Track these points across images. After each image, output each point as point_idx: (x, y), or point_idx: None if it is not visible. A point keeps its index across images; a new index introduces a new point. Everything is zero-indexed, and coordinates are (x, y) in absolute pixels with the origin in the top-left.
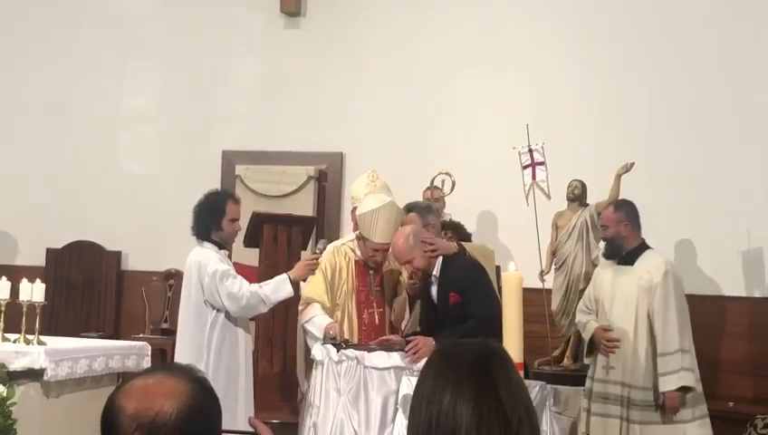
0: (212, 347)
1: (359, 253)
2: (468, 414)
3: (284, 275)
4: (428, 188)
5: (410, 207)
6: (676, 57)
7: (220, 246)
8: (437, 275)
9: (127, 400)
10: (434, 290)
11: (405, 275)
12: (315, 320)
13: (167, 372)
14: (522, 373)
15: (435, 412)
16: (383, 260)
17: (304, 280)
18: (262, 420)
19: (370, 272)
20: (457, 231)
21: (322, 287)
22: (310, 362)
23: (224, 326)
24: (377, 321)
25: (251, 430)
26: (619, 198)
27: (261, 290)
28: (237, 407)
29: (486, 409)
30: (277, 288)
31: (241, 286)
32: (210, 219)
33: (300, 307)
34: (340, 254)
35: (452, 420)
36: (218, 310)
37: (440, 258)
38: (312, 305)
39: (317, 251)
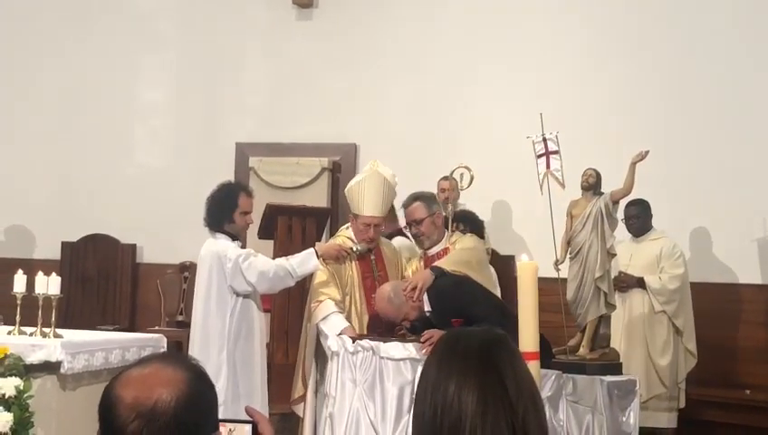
0: (231, 335)
1: (356, 240)
2: (473, 402)
3: (311, 250)
4: (443, 178)
5: (416, 197)
6: (692, 45)
7: (233, 238)
8: (430, 309)
9: (124, 389)
10: (433, 321)
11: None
12: (331, 319)
13: (163, 361)
14: (537, 362)
15: (440, 401)
16: (376, 235)
17: (329, 261)
18: (277, 411)
19: (372, 258)
20: (470, 223)
21: (331, 281)
22: (320, 361)
23: (241, 315)
24: None
25: (248, 418)
26: (634, 186)
27: (287, 263)
28: (253, 395)
29: (491, 397)
30: (304, 261)
31: (266, 261)
32: (222, 211)
33: (312, 305)
34: (337, 242)
35: (457, 408)
36: (239, 296)
37: (425, 294)
38: (325, 303)
39: (354, 250)
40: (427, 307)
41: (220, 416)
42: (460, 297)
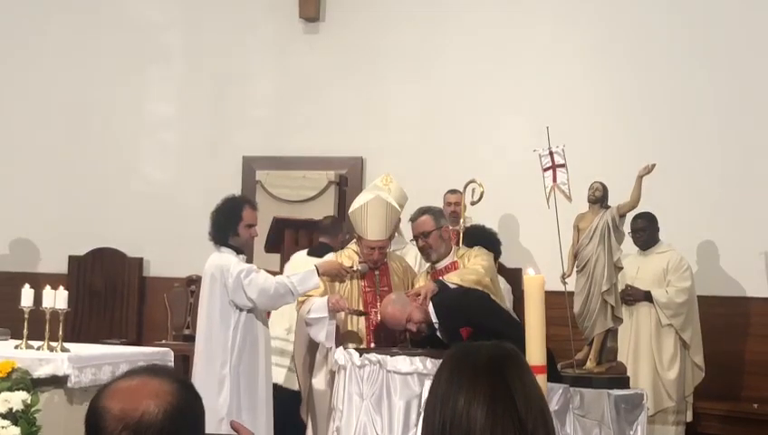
0: (234, 349)
1: (360, 254)
2: (482, 417)
3: (313, 268)
4: (450, 192)
5: (424, 210)
6: (698, 57)
7: (238, 251)
8: (437, 320)
9: (111, 401)
10: (440, 334)
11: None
12: (314, 306)
13: (150, 374)
14: (544, 376)
15: (449, 415)
16: (381, 258)
17: (330, 278)
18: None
19: (376, 273)
20: (485, 239)
21: (319, 292)
22: (311, 364)
23: (245, 329)
24: None
25: (233, 433)
26: (641, 199)
27: (288, 280)
28: (257, 408)
29: (501, 411)
30: (304, 279)
31: (267, 278)
32: (227, 225)
33: (296, 307)
34: (343, 257)
35: (466, 422)
36: (242, 310)
37: (430, 304)
38: (308, 300)
39: (356, 270)
40: (434, 317)
41: (222, 430)
42: (468, 307)
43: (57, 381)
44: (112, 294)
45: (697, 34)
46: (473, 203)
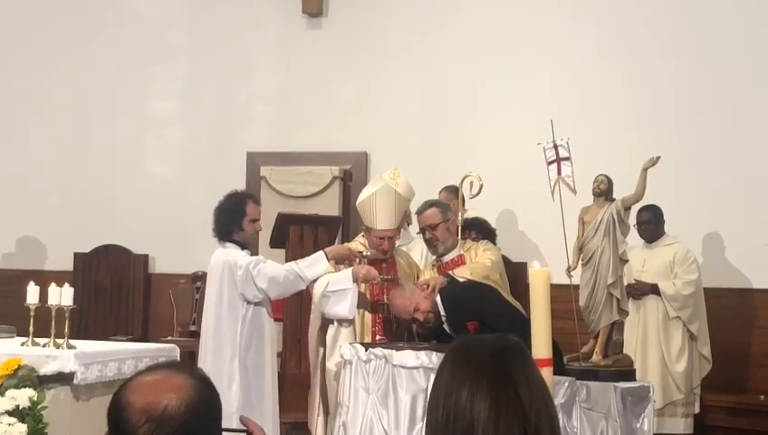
0: (242, 344)
1: (369, 246)
2: (486, 409)
3: (321, 252)
4: (443, 190)
5: (431, 203)
6: (703, 49)
7: (243, 247)
8: (444, 313)
9: (135, 394)
10: (447, 328)
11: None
12: (335, 278)
13: (171, 369)
14: (550, 369)
15: (452, 407)
16: (390, 247)
17: (339, 263)
18: (289, 420)
19: (383, 265)
20: (482, 230)
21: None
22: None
23: (252, 323)
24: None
25: (243, 428)
26: (646, 191)
27: (297, 266)
28: (263, 405)
29: (504, 403)
30: (313, 263)
31: (275, 266)
32: (231, 220)
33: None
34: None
35: (470, 414)
36: (250, 304)
37: (438, 297)
38: (320, 279)
39: (365, 254)
40: (441, 310)
41: (233, 424)
42: (476, 300)
43: (63, 378)
44: (118, 290)
45: (705, 26)
46: (472, 197)
